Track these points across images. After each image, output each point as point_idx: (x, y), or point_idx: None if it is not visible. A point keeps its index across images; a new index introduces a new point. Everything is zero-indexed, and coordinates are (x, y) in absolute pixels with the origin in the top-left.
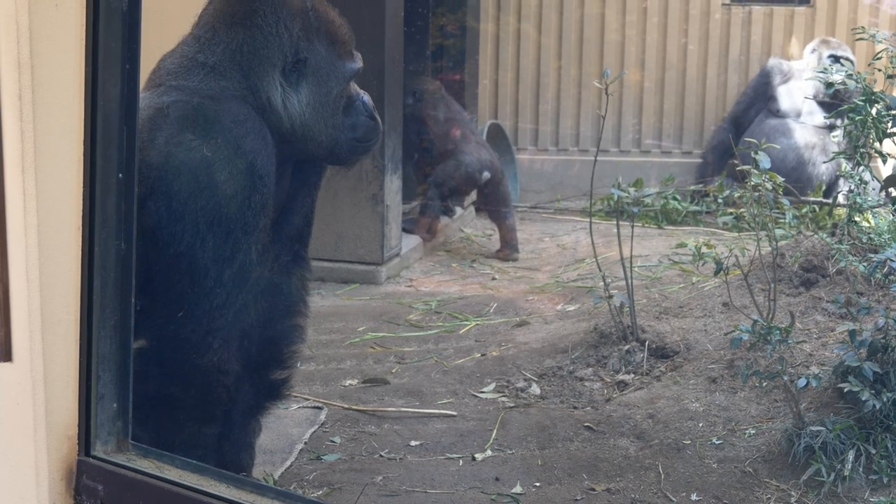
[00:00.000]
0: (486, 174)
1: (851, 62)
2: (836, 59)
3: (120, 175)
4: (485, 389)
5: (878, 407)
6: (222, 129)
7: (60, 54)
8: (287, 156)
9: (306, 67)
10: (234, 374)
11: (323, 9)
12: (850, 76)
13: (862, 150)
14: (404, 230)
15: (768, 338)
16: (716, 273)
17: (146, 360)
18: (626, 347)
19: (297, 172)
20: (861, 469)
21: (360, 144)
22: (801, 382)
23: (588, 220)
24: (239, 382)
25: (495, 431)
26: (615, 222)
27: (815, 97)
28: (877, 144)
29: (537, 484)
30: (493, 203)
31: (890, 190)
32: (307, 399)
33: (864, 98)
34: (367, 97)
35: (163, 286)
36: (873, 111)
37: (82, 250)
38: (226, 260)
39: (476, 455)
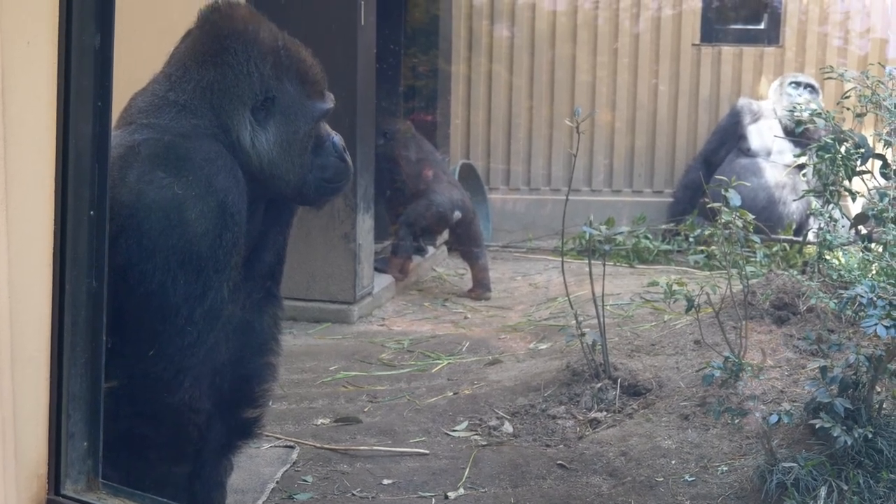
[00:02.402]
0: (458, 214)
1: (813, 87)
2: (797, 84)
3: (91, 213)
4: (457, 428)
5: (849, 443)
6: (193, 167)
7: (32, 92)
8: (259, 194)
9: (275, 106)
10: (206, 412)
11: (294, 48)
12: (818, 114)
13: (832, 188)
14: (377, 269)
15: (740, 375)
16: (687, 311)
17: (117, 398)
18: (599, 385)
19: (269, 210)
20: None
21: (328, 185)
22: (773, 419)
23: (560, 259)
24: (210, 421)
25: (468, 470)
26: (587, 261)
27: (784, 129)
28: (846, 182)
29: None
30: (465, 243)
31: (859, 227)
32: (279, 438)
33: (833, 137)
34: (337, 138)
35: (133, 324)
36: (842, 149)
37: (53, 288)
38: (197, 298)
39: (449, 493)
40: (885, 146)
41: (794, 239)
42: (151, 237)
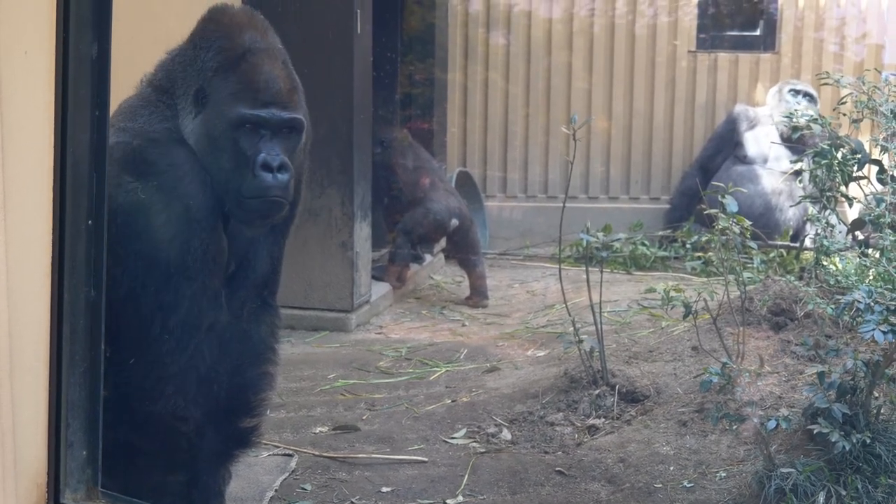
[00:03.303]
0: (455, 221)
1: (812, 96)
2: (796, 92)
3: (90, 222)
4: (456, 435)
5: (847, 448)
6: (157, 173)
7: (30, 101)
8: None
9: (208, 100)
10: (194, 421)
11: (258, 56)
12: (815, 120)
13: (828, 194)
14: (374, 277)
15: (737, 380)
16: (685, 317)
17: (108, 407)
18: (597, 392)
19: None
20: None
21: (244, 200)
22: (771, 424)
23: (557, 266)
24: (202, 429)
25: (466, 477)
26: (584, 268)
27: (781, 135)
28: (843, 188)
29: None
30: (463, 250)
31: (856, 233)
32: (277, 446)
33: (829, 142)
34: (266, 156)
35: (113, 331)
36: (839, 155)
37: (52, 297)
38: (170, 306)
39: (447, 501)
40: (881, 151)
41: (791, 245)
42: (120, 242)
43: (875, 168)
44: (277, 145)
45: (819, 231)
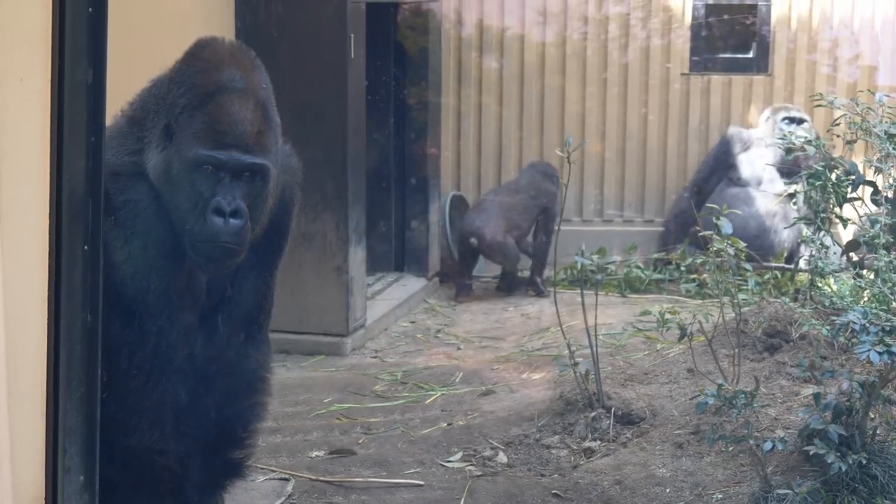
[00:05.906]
0: (473, 241)
1: (806, 121)
2: (791, 120)
3: (86, 247)
4: (452, 458)
5: (844, 469)
6: (114, 209)
7: (25, 127)
8: None
9: (173, 137)
10: (175, 454)
11: (228, 95)
12: (809, 142)
13: (822, 215)
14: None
15: (734, 402)
16: (680, 339)
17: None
18: (593, 414)
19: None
20: None
21: (196, 244)
22: (768, 446)
23: (552, 289)
24: (185, 461)
25: (463, 500)
26: (579, 291)
27: (776, 164)
28: (837, 210)
29: None
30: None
31: (851, 254)
32: (273, 471)
33: (823, 164)
34: (220, 200)
35: None
36: (833, 177)
37: (48, 322)
38: (134, 343)
39: None
40: (875, 173)
41: (786, 266)
42: None
43: (869, 189)
44: (237, 190)
45: (814, 252)
